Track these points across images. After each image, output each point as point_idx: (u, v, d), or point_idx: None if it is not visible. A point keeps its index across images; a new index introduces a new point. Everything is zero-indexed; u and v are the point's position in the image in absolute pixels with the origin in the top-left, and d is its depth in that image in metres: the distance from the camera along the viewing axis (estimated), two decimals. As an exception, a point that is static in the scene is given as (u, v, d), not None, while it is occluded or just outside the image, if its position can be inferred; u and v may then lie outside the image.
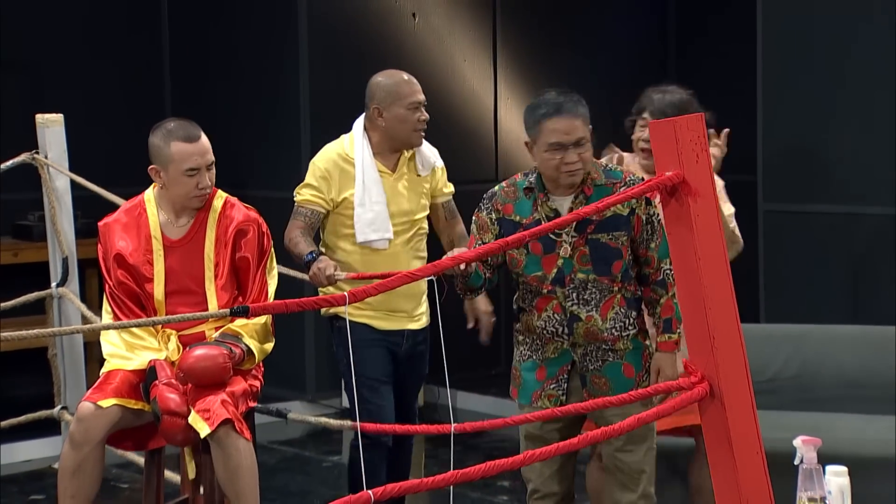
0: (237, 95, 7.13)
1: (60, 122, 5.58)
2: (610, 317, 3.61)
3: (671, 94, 4.12)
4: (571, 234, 3.59)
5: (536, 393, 3.72)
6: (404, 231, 4.44)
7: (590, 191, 3.61)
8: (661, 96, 4.12)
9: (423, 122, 4.42)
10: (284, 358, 6.29)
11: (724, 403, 2.44)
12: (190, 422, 3.87)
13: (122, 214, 4.18)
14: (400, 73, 4.50)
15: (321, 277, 4.13)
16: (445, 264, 2.53)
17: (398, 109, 4.38)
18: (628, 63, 7.81)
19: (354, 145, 4.41)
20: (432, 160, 4.53)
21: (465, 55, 7.32)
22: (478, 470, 2.32)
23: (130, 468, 5.49)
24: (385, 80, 4.45)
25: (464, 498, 5.14)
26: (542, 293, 3.67)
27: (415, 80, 4.47)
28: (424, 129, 4.44)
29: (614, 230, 3.60)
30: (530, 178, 3.70)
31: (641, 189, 2.45)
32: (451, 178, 7.33)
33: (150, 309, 4.10)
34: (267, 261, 4.18)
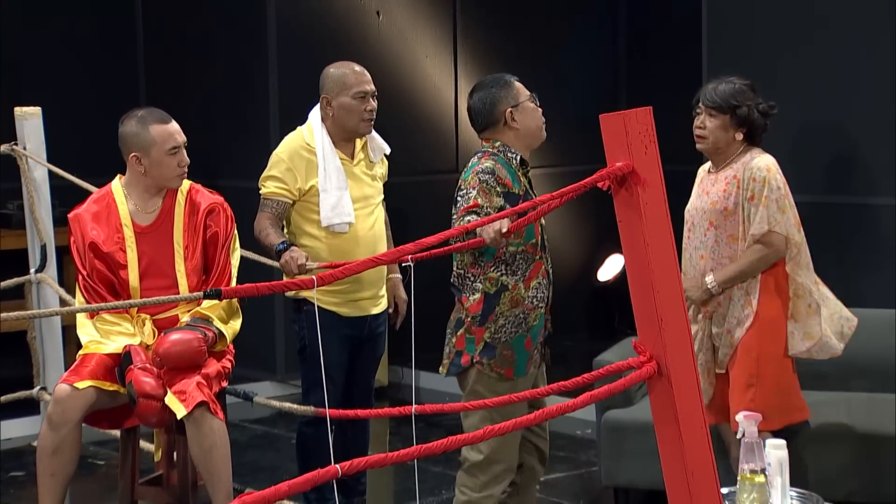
0: (209, 90, 7.09)
1: (38, 115, 5.56)
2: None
3: (724, 85, 4.07)
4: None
5: (528, 363, 3.77)
6: (366, 215, 4.44)
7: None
8: (715, 86, 4.09)
9: (371, 111, 4.39)
10: (255, 340, 6.28)
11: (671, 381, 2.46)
12: (166, 403, 3.86)
13: (92, 204, 4.15)
14: (350, 63, 4.47)
15: (292, 266, 4.13)
16: (408, 249, 2.54)
17: (345, 99, 4.36)
18: (582, 59, 7.83)
19: (314, 135, 4.39)
20: (383, 147, 4.53)
21: (426, 51, 7.32)
22: (440, 445, 2.33)
23: (107, 445, 5.46)
24: (334, 71, 4.44)
25: (426, 472, 5.15)
26: (534, 260, 3.72)
27: (364, 72, 4.44)
28: (372, 118, 4.42)
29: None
30: (508, 153, 3.74)
31: (592, 180, 2.46)
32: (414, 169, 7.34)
33: (124, 295, 4.08)
34: (231, 241, 4.19)
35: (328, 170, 4.33)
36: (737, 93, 4.05)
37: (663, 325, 2.45)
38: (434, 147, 7.35)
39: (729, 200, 4.05)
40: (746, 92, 4.07)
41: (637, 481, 4.46)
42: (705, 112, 4.08)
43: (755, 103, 4.06)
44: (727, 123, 4.05)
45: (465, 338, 3.80)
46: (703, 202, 4.12)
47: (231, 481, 3.98)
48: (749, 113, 4.04)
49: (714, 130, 4.06)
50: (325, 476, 2.23)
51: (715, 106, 4.05)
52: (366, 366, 4.56)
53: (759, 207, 4.00)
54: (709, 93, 4.09)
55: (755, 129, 4.09)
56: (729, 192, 4.05)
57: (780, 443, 3.37)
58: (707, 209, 4.09)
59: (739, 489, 3.33)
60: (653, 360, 2.47)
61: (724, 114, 4.05)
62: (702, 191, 4.17)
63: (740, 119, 4.05)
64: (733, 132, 4.06)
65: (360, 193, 4.42)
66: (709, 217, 4.08)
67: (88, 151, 6.32)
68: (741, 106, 4.04)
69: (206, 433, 3.89)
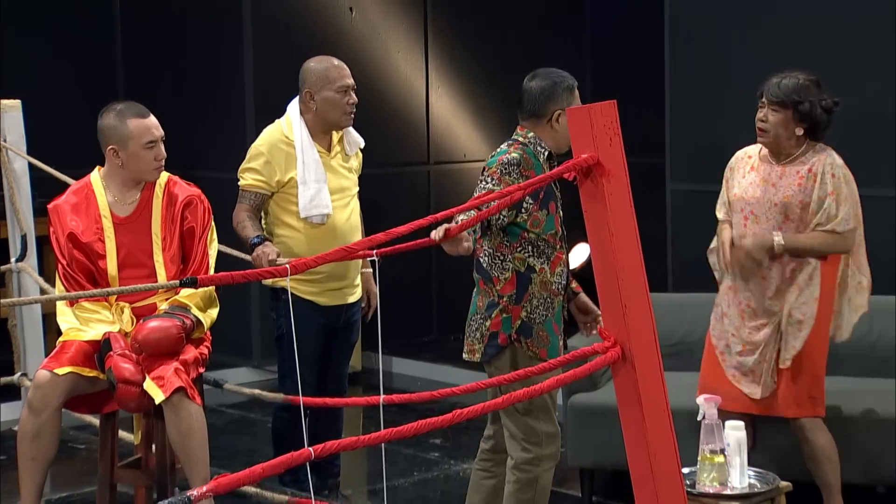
0: (186, 84, 7.05)
1: (18, 108, 5.53)
2: None
3: (788, 79, 3.96)
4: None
5: (559, 346, 3.73)
6: (343, 206, 4.43)
7: None
8: (779, 80, 3.97)
9: (352, 104, 4.39)
10: (231, 327, 6.25)
11: (634, 365, 2.47)
12: (145, 388, 3.84)
13: (71, 196, 4.12)
14: (330, 58, 4.46)
15: (262, 261, 4.14)
16: (379, 238, 2.52)
17: (328, 93, 4.35)
18: (548, 54, 7.82)
19: (293, 128, 4.37)
20: (359, 141, 4.53)
21: (398, 47, 7.30)
22: (411, 428, 2.32)
23: (87, 430, 5.43)
24: (316, 66, 4.42)
25: (398, 454, 5.15)
26: (556, 249, 3.71)
27: (344, 66, 4.43)
28: (353, 111, 4.42)
29: None
30: (539, 146, 3.71)
31: (559, 171, 2.46)
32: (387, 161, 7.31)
33: (102, 284, 4.06)
34: (208, 233, 4.16)
35: (307, 162, 4.32)
36: (800, 88, 3.93)
37: (627, 311, 2.45)
38: (406, 140, 7.34)
39: (805, 194, 3.94)
40: (810, 88, 3.95)
41: (602, 462, 4.47)
42: (768, 106, 3.96)
43: (818, 99, 3.94)
44: (789, 118, 3.94)
45: (502, 318, 3.69)
46: (772, 195, 3.99)
47: (208, 464, 3.97)
48: (811, 109, 3.93)
49: (776, 125, 3.95)
50: (298, 459, 2.22)
51: (778, 101, 3.94)
52: (340, 353, 4.55)
53: (843, 205, 3.93)
54: (772, 87, 3.97)
55: (817, 126, 3.96)
56: (805, 187, 3.94)
57: (739, 424, 3.39)
58: (780, 202, 3.97)
59: (700, 469, 3.35)
60: (617, 346, 2.47)
61: (786, 109, 3.93)
62: (765, 182, 4.02)
63: (802, 115, 3.93)
64: (794, 127, 3.95)
65: (338, 185, 4.41)
66: (783, 211, 3.96)
67: (68, 144, 6.27)
68: (803, 102, 3.92)
69: (184, 417, 3.87)
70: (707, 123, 5.39)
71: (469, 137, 7.63)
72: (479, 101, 7.62)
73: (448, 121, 7.55)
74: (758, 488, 3.34)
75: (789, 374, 3.97)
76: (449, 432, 5.38)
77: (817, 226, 3.94)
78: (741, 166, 4.12)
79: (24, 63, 6.85)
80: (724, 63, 5.38)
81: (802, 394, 3.96)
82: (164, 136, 4.09)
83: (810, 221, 3.94)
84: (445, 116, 7.53)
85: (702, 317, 4.95)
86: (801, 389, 3.96)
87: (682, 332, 4.93)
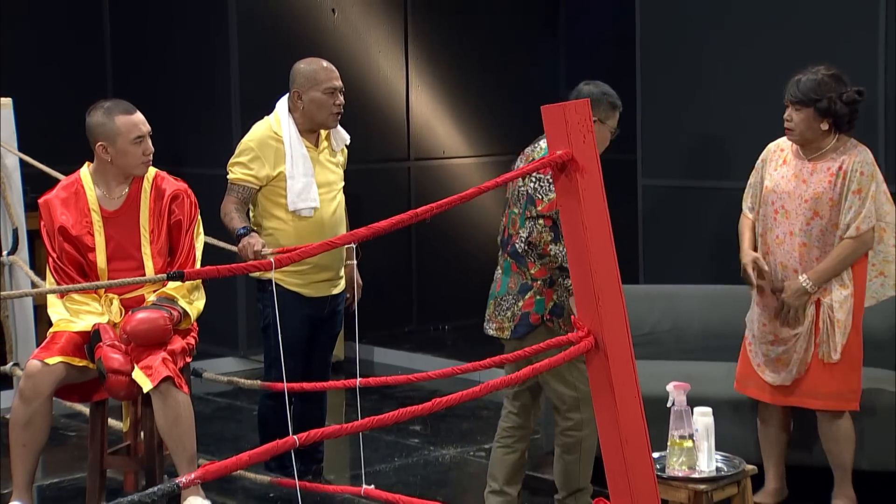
0: (174, 82, 7.01)
1: (9, 106, 5.50)
2: None
3: (808, 77, 3.93)
4: None
5: None
6: (329, 200, 4.43)
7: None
8: (799, 79, 3.94)
9: (339, 105, 4.40)
10: (218, 318, 6.23)
11: (607, 354, 2.47)
12: (134, 378, 3.83)
13: (61, 191, 4.10)
14: (319, 60, 4.46)
15: (248, 252, 4.14)
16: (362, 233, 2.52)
17: (316, 94, 4.35)
18: (523, 54, 7.83)
19: (281, 125, 4.37)
20: (345, 138, 4.53)
21: (379, 47, 7.28)
22: (391, 416, 2.32)
23: (78, 418, 5.40)
24: (305, 67, 4.42)
25: (379, 441, 5.15)
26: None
27: (333, 68, 4.44)
28: (340, 112, 4.42)
29: None
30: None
31: (536, 165, 2.46)
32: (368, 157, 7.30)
33: (92, 277, 4.05)
34: (195, 226, 4.15)
35: (295, 157, 4.33)
36: (819, 85, 3.90)
37: (600, 302, 2.45)
38: (387, 137, 7.32)
39: (835, 191, 3.92)
40: (829, 83, 3.91)
41: (576, 447, 4.48)
42: (791, 106, 3.94)
43: (838, 94, 3.89)
44: (811, 116, 3.91)
45: (535, 299, 3.81)
46: (803, 190, 3.97)
47: (195, 450, 3.96)
48: (830, 105, 3.89)
49: (799, 123, 3.92)
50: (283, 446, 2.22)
51: (797, 100, 3.92)
52: (325, 342, 4.55)
53: (867, 202, 3.90)
54: (792, 87, 3.95)
55: (840, 119, 3.92)
56: (834, 184, 3.92)
57: (707, 410, 3.40)
58: (810, 198, 3.95)
59: (669, 453, 3.36)
60: (590, 335, 2.47)
61: (806, 107, 3.91)
62: (796, 178, 4.00)
63: (822, 111, 3.90)
64: (818, 123, 3.92)
65: (325, 179, 4.42)
66: (813, 207, 3.94)
67: (58, 140, 6.23)
68: (822, 99, 3.89)
69: (171, 405, 3.86)
70: (677, 123, 5.40)
71: (448, 135, 7.62)
72: (457, 100, 7.61)
73: (427, 119, 7.54)
74: (725, 472, 3.35)
75: (830, 369, 3.97)
76: (428, 420, 5.39)
77: (844, 227, 3.92)
78: (774, 159, 4.09)
79: (15, 63, 6.80)
80: (693, 66, 5.40)
81: (844, 388, 3.98)
82: (152, 132, 4.08)
83: (838, 220, 3.93)
84: (425, 114, 7.52)
85: (672, 307, 4.98)
86: (842, 384, 3.98)
87: (653, 322, 4.94)
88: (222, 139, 6.42)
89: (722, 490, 3.33)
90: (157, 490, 2.08)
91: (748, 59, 5.20)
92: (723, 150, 5.23)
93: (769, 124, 5.06)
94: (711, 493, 3.29)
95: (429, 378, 2.87)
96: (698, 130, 5.29)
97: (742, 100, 5.22)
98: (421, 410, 2.34)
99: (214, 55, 6.75)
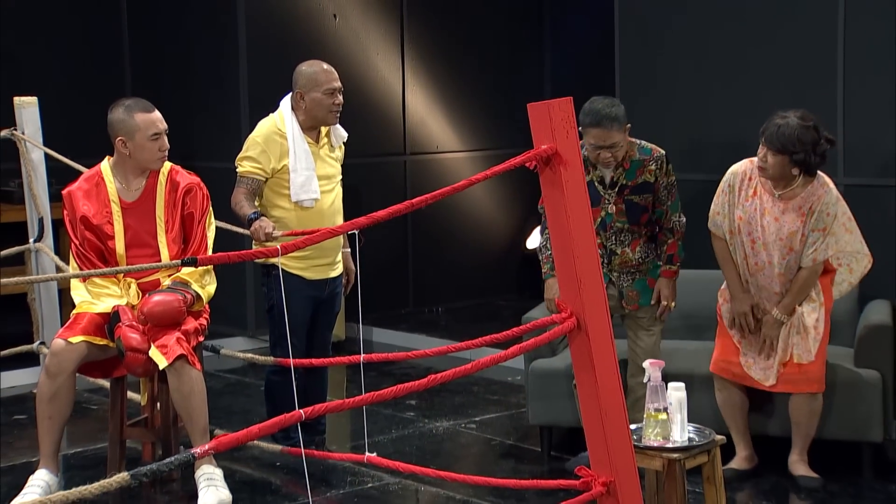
0: (187, 82, 6.98)
1: (35, 104, 5.48)
2: (637, 251, 4.13)
3: (787, 127, 3.88)
4: (613, 195, 4.07)
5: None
6: (329, 191, 4.44)
7: (627, 165, 4.07)
8: (778, 126, 3.89)
9: (338, 105, 4.40)
10: (228, 300, 6.22)
11: (588, 334, 2.47)
12: (150, 356, 3.83)
13: (83, 183, 4.10)
14: (320, 62, 4.46)
15: (260, 234, 4.15)
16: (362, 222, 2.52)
17: (316, 94, 4.34)
18: (511, 57, 7.81)
19: (285, 122, 4.38)
20: (343, 135, 4.53)
21: (377, 49, 7.26)
22: (390, 392, 2.32)
23: (99, 392, 5.40)
24: (307, 69, 4.42)
25: (378, 414, 5.15)
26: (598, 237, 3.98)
27: (333, 70, 4.44)
28: (339, 110, 4.42)
29: (643, 192, 4.07)
30: (583, 153, 3.94)
31: (521, 159, 2.45)
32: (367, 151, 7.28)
33: (112, 262, 4.06)
34: (207, 217, 4.15)
35: (298, 153, 4.33)
36: (798, 139, 3.86)
37: (582, 286, 2.45)
38: (384, 133, 7.31)
39: (805, 228, 3.97)
40: (806, 136, 3.88)
41: (559, 420, 4.49)
42: (768, 150, 3.91)
43: (813, 147, 3.88)
44: (786, 162, 3.90)
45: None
46: (777, 228, 3.99)
47: (207, 421, 3.97)
48: (806, 157, 3.89)
49: (775, 166, 3.92)
50: (290, 420, 2.22)
51: (776, 149, 3.89)
52: (325, 322, 4.56)
53: (827, 237, 3.97)
54: (771, 134, 3.90)
55: (812, 168, 3.93)
56: (805, 222, 3.97)
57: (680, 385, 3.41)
58: (785, 236, 3.98)
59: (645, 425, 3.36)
60: (573, 317, 2.47)
61: (783, 154, 3.89)
62: (769, 214, 4.00)
63: (798, 162, 3.90)
64: (791, 168, 3.92)
65: (324, 173, 4.43)
66: (788, 244, 3.98)
67: (79, 135, 6.21)
68: (799, 152, 3.88)
69: (185, 381, 3.87)
70: (649, 120, 5.40)
71: (441, 131, 7.61)
72: (450, 98, 7.60)
73: (422, 116, 7.52)
74: (696, 441, 3.36)
75: (800, 366, 4.03)
76: (424, 394, 5.39)
77: (805, 259, 3.99)
78: (743, 188, 4.06)
79: (40, 64, 6.77)
80: (670, 67, 5.39)
81: (818, 376, 4.04)
82: (168, 130, 4.07)
83: (803, 251, 4.00)
84: (420, 112, 7.50)
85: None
86: (817, 373, 4.04)
87: (631, 305, 4.93)
88: (231, 135, 6.41)
89: (693, 458, 3.33)
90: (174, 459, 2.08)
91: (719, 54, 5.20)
92: (695, 143, 5.23)
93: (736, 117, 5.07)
94: (684, 461, 3.29)
95: (424, 356, 2.87)
96: (672, 124, 5.29)
97: (712, 96, 5.21)
98: (417, 386, 2.34)
99: (225, 57, 6.73)
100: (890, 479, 4.13)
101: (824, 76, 4.80)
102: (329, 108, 4.37)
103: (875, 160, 4.71)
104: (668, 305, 4.13)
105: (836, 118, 4.74)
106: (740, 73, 5.11)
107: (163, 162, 4.07)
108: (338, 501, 4.05)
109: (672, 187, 4.12)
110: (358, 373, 5.83)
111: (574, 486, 2.55)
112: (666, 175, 4.09)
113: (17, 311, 5.85)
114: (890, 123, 4.62)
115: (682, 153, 5.22)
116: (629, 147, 4.07)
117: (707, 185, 4.49)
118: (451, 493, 4.08)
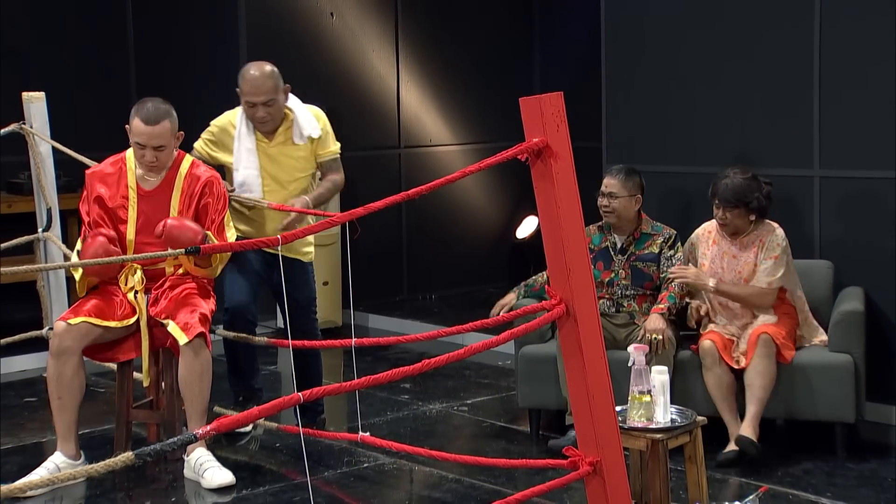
0: (189, 79, 6.95)
1: (42, 99, 5.45)
2: (643, 305, 4.37)
3: (731, 182, 4.20)
4: (622, 259, 4.39)
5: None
6: (277, 190, 4.29)
7: (638, 234, 4.42)
8: (726, 185, 4.20)
9: (260, 118, 4.20)
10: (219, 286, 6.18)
11: (576, 320, 2.47)
12: (170, 331, 3.84)
13: (108, 166, 4.13)
14: (250, 69, 4.23)
15: None
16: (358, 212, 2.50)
17: (243, 100, 4.29)
18: (503, 54, 7.79)
19: (237, 118, 4.33)
20: (307, 131, 4.28)
21: (373, 47, 7.23)
22: (385, 375, 2.31)
23: (106, 376, 5.39)
24: (242, 73, 4.28)
25: (374, 397, 5.15)
26: (599, 290, 4.30)
27: (258, 82, 4.18)
28: (264, 123, 4.21)
29: (647, 261, 4.38)
30: (601, 223, 4.46)
31: (513, 152, 2.44)
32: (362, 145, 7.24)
33: (120, 247, 4.03)
34: (224, 215, 4.10)
35: (240, 150, 4.29)
36: (746, 190, 4.20)
37: (571, 274, 2.45)
38: (379, 127, 7.29)
39: (758, 258, 4.25)
40: (751, 185, 4.21)
41: (548, 403, 4.49)
42: (723, 208, 4.22)
43: (760, 192, 4.22)
44: (743, 213, 4.23)
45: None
46: (735, 264, 4.28)
47: (207, 404, 3.96)
48: (758, 202, 4.22)
49: (734, 219, 4.23)
50: (289, 402, 2.21)
51: (731, 204, 4.20)
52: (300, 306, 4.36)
53: (779, 265, 4.22)
54: (722, 192, 4.21)
55: (763, 210, 4.26)
56: (757, 255, 4.26)
57: (663, 369, 3.41)
58: (742, 269, 4.28)
59: (630, 407, 3.36)
60: (562, 304, 2.47)
61: (738, 207, 4.21)
62: (727, 255, 4.30)
63: (753, 209, 4.23)
64: (748, 216, 4.24)
65: (269, 173, 4.28)
66: (745, 276, 4.27)
67: (85, 129, 6.19)
68: (752, 200, 4.21)
69: (200, 361, 3.89)
70: (636, 116, 5.38)
71: (434, 125, 7.60)
72: (442, 94, 7.58)
73: (416, 110, 7.51)
74: (678, 422, 3.36)
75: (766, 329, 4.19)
76: (418, 378, 5.38)
77: (758, 279, 4.23)
78: (703, 241, 4.39)
79: (49, 61, 6.73)
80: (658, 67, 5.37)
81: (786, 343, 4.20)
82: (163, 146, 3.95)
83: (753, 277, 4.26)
84: (414, 107, 7.48)
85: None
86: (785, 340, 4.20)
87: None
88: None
89: (676, 439, 3.34)
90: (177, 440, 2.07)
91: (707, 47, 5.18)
92: (684, 136, 5.21)
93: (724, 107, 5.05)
94: (667, 441, 3.30)
95: (417, 340, 2.86)
96: (654, 126, 5.28)
97: (699, 86, 5.19)
98: (411, 370, 2.34)
99: (225, 53, 6.70)
100: (862, 458, 4.14)
101: (802, 75, 4.79)
102: (252, 117, 4.24)
103: (851, 159, 4.70)
104: (649, 339, 4.12)
105: (811, 120, 4.73)
106: (720, 74, 5.10)
107: (148, 168, 4.02)
108: (335, 481, 4.04)
109: (677, 260, 4.36)
110: (355, 357, 5.81)
111: (562, 466, 2.55)
112: (671, 249, 4.38)
113: (27, 299, 5.83)
114: (867, 126, 4.61)
115: (670, 147, 5.21)
116: (643, 223, 4.41)
117: (693, 178, 4.50)
118: (443, 472, 4.08)
